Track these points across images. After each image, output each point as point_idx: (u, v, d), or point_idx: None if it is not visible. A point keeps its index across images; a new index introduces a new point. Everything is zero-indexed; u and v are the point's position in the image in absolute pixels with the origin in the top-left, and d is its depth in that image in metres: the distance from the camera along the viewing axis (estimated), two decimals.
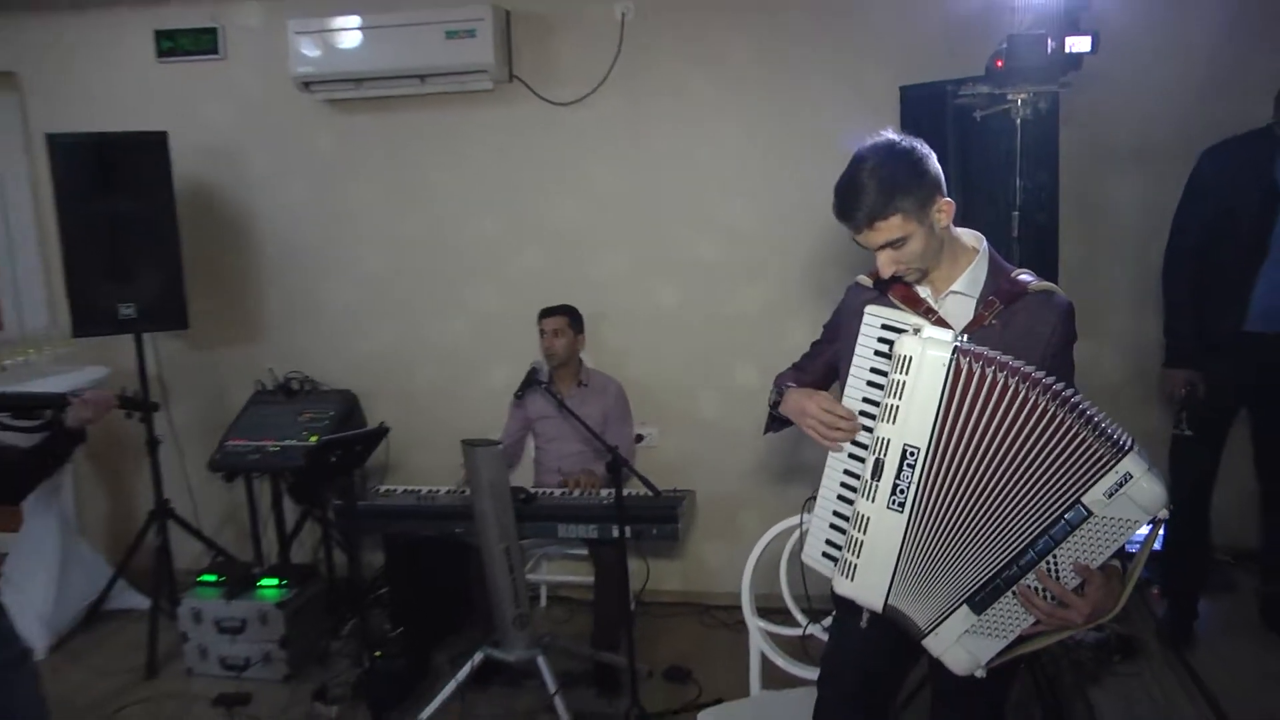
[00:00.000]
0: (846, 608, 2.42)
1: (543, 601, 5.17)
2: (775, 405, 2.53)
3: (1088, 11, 3.42)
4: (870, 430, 2.21)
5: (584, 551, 4.62)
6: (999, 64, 3.42)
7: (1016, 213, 3.56)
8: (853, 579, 2.21)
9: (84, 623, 5.17)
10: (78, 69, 5.55)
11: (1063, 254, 3.89)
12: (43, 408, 2.86)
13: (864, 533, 2.18)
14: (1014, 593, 2.08)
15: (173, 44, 5.38)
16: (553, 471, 4.58)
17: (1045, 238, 3.75)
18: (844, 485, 2.31)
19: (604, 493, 4.23)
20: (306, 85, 4.99)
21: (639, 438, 4.92)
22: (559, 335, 4.51)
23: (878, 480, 2.15)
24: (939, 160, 2.27)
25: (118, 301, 4.82)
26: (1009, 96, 3.49)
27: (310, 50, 4.89)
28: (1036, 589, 2.06)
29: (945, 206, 2.24)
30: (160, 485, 5.02)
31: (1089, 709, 3.39)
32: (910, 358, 2.10)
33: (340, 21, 4.83)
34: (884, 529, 2.16)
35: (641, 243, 4.97)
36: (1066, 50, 3.35)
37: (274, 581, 4.67)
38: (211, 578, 4.73)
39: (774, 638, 3.32)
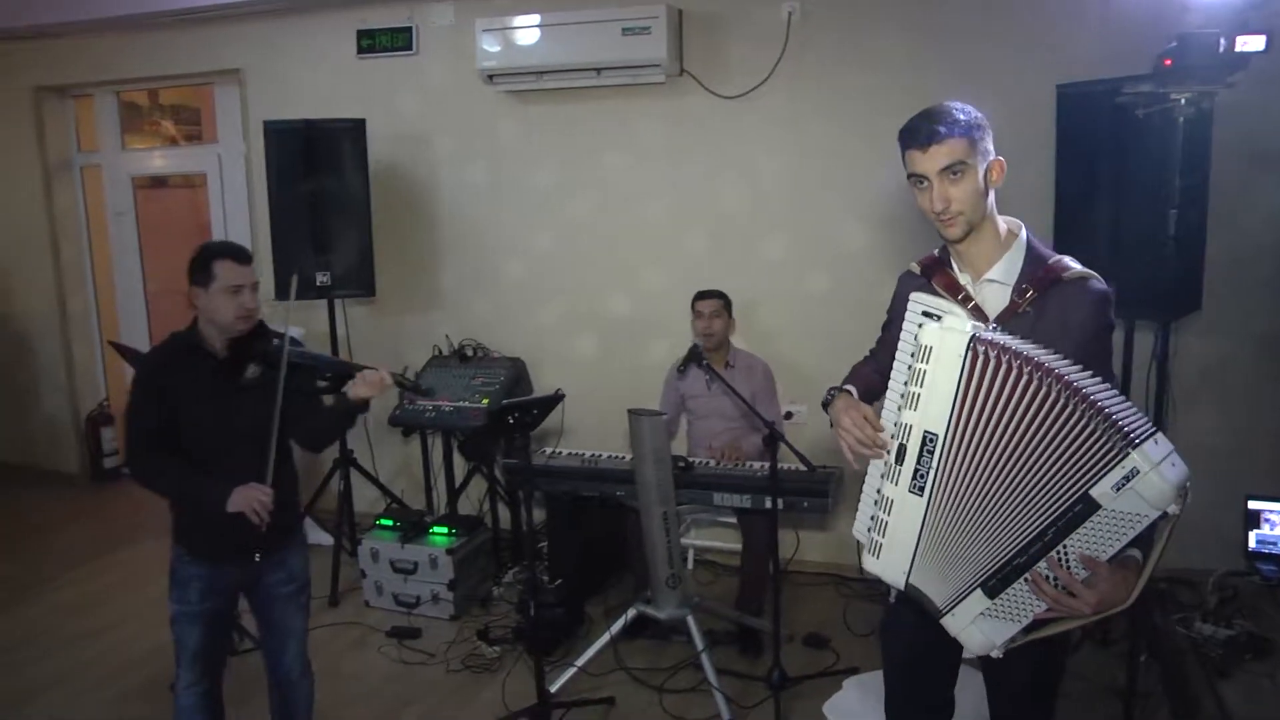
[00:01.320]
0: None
1: (689, 564, 5.23)
2: (826, 406, 2.49)
3: (1259, 11, 3.27)
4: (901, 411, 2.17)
5: (732, 519, 4.67)
6: (1167, 63, 3.30)
7: (1174, 211, 3.44)
8: (878, 557, 2.20)
9: None
10: (290, 64, 5.89)
11: (1210, 252, 3.74)
12: (335, 373, 3.03)
13: (889, 514, 2.16)
14: (1026, 579, 2.01)
15: (372, 42, 5.62)
16: (704, 447, 4.63)
17: (1195, 236, 3.61)
18: (885, 465, 2.26)
19: (756, 465, 4.25)
20: (490, 78, 5.14)
21: (788, 415, 4.93)
22: (717, 317, 4.55)
23: (901, 464, 2.12)
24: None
25: (315, 270, 5.08)
26: (1172, 95, 3.37)
27: (495, 46, 5.03)
28: (1048, 576, 1.98)
29: (999, 166, 2.25)
30: (345, 436, 5.25)
31: (1219, 704, 3.25)
32: (930, 347, 2.06)
33: (524, 20, 4.97)
34: (906, 511, 2.13)
35: (797, 230, 4.97)
36: (1236, 49, 3.21)
37: (444, 530, 4.87)
38: (388, 522, 4.96)
39: None
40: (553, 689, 3.85)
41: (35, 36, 6.58)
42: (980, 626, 2.10)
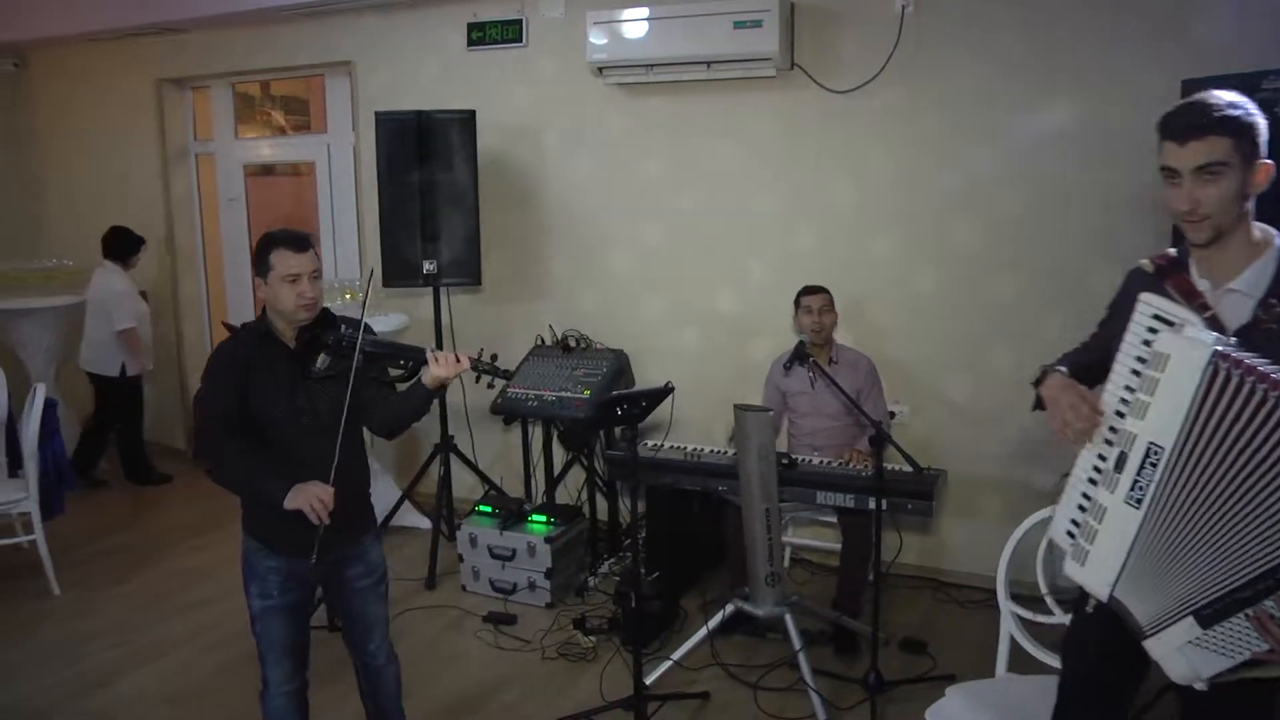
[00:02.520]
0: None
1: (785, 562, 5.11)
2: (1036, 384, 2.35)
3: None
4: (1124, 417, 2.04)
5: (832, 518, 4.56)
6: None
7: None
8: (1083, 564, 2.08)
9: None
10: (401, 56, 5.93)
11: None
12: (408, 360, 2.89)
13: (1099, 522, 2.05)
14: (1248, 615, 1.86)
15: (482, 34, 5.63)
16: (806, 445, 4.53)
17: None
18: (1095, 469, 2.13)
19: (859, 465, 4.14)
20: (600, 70, 5.10)
21: (891, 414, 4.78)
22: (824, 313, 4.45)
23: (1119, 473, 2.00)
24: None
25: (423, 258, 5.11)
26: None
27: (606, 39, 4.99)
28: (1275, 617, 1.82)
29: (1265, 169, 2.03)
30: (446, 422, 5.30)
31: None
32: (1168, 355, 1.92)
33: (634, 13, 4.92)
34: (1119, 522, 2.01)
35: (906, 228, 4.83)
36: None
37: (543, 518, 4.86)
38: (488, 509, 4.96)
39: (1023, 623, 3.14)
40: (647, 681, 3.78)
41: (160, 32, 6.76)
42: (1187, 655, 1.96)
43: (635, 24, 4.91)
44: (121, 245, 6.51)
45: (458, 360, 2.76)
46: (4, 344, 6.88)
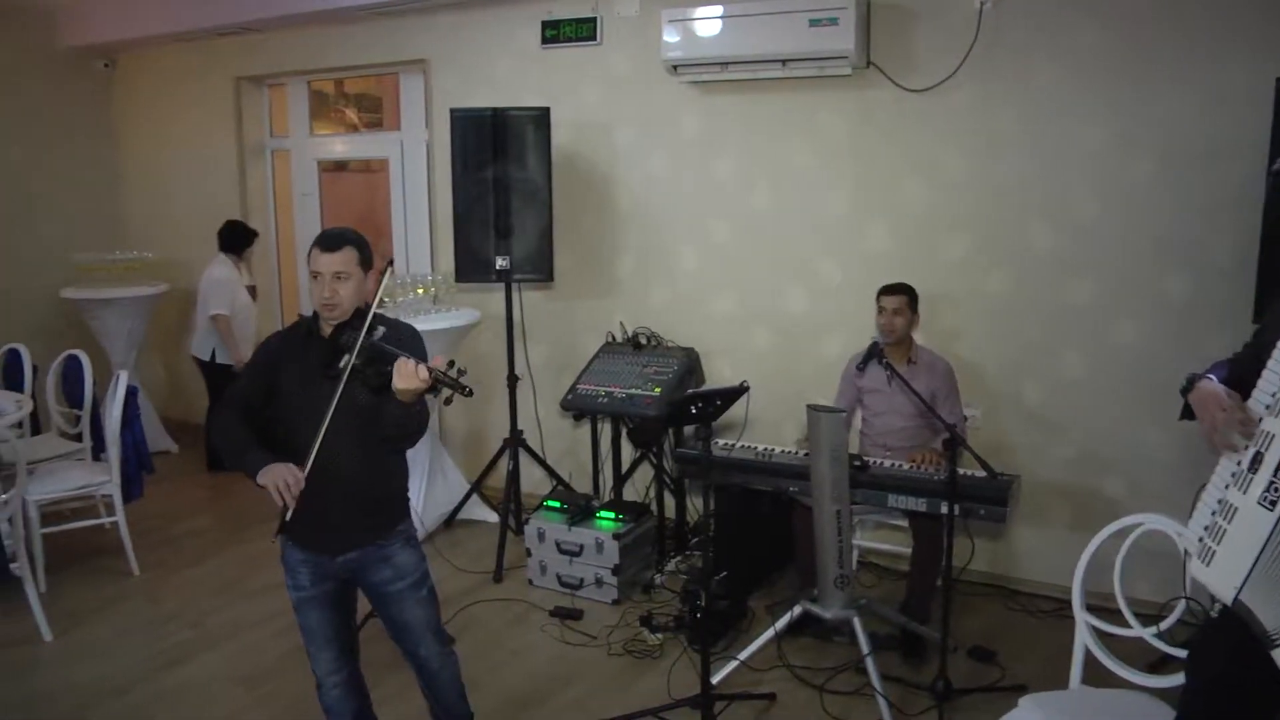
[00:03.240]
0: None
1: (853, 564, 5.06)
2: (1184, 392, 2.28)
3: None
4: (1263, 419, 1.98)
5: (901, 522, 4.49)
6: None
7: None
8: (1209, 565, 2.03)
9: (443, 526, 5.55)
10: (475, 54, 5.98)
11: None
12: (387, 366, 2.70)
13: (1229, 521, 1.99)
14: None
15: (556, 32, 5.64)
16: (879, 445, 4.47)
17: None
18: (1231, 473, 2.08)
19: (932, 469, 4.07)
20: (674, 68, 5.07)
21: (965, 418, 4.70)
22: (899, 314, 4.37)
23: (1254, 473, 1.95)
24: None
25: (496, 254, 5.14)
26: None
27: (680, 37, 4.96)
28: None
29: None
30: (516, 417, 5.33)
31: None
32: None
33: (709, 11, 4.88)
34: (1249, 523, 1.95)
35: (982, 229, 4.74)
36: None
37: (611, 515, 4.86)
38: (556, 504, 4.98)
39: (1099, 634, 3.06)
40: (714, 680, 3.75)
41: (240, 31, 6.89)
42: None
43: (710, 22, 4.87)
44: (233, 237, 6.67)
45: (416, 372, 2.57)
46: (88, 332, 7.06)
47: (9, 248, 7.35)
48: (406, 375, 2.55)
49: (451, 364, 2.59)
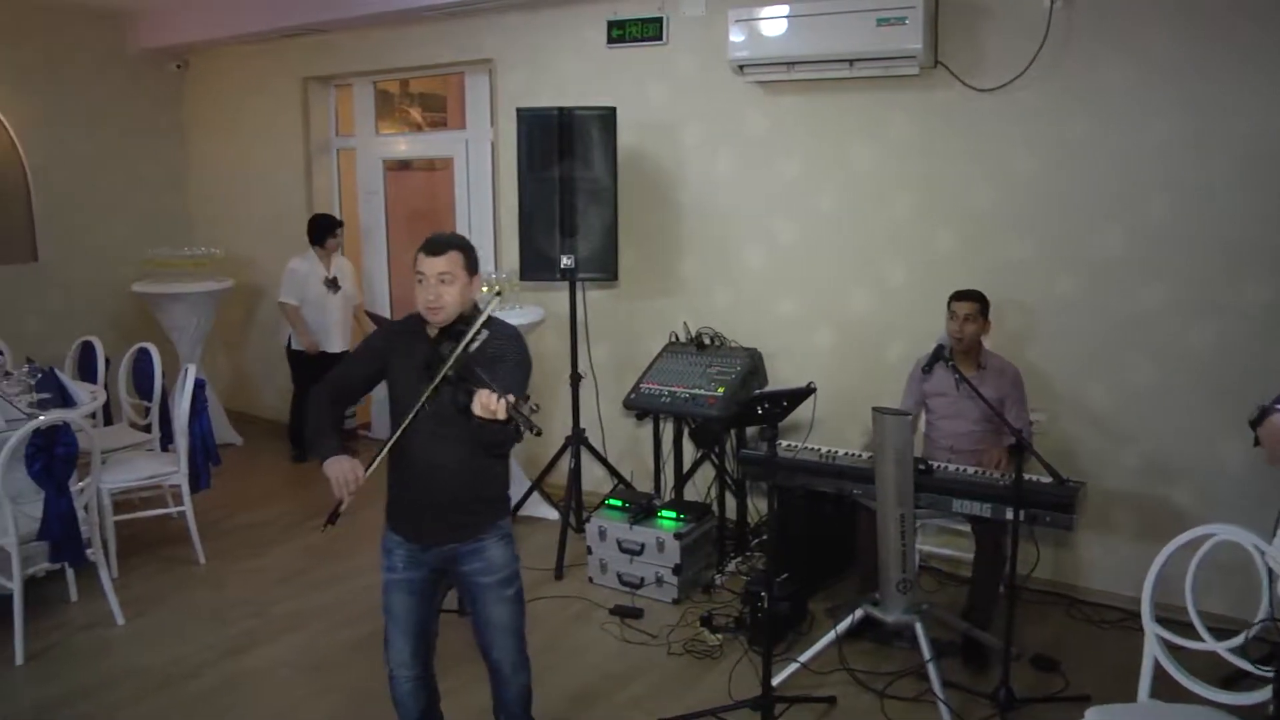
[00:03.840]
0: None
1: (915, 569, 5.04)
2: (1254, 424, 2.23)
3: None
4: None
5: (964, 527, 4.46)
6: None
7: None
8: None
9: None
10: (541, 54, 6.04)
11: None
12: (471, 386, 2.76)
13: None
14: None
15: (622, 32, 5.67)
16: (944, 449, 4.43)
17: None
18: None
19: (998, 474, 4.03)
20: (740, 68, 5.08)
21: (1030, 423, 4.65)
22: (970, 320, 4.32)
23: None
24: None
25: (561, 253, 5.19)
26: None
27: (746, 36, 4.96)
28: None
29: None
30: (578, 415, 5.38)
31: None
32: None
33: (776, 10, 4.88)
34: None
35: (1048, 232, 4.69)
36: None
37: (672, 514, 4.88)
38: (618, 503, 5.01)
39: (1169, 647, 3.01)
40: (774, 682, 3.75)
41: (308, 33, 7.02)
42: None
43: (776, 22, 4.87)
44: (313, 229, 6.83)
45: (494, 405, 2.58)
46: (157, 326, 7.23)
47: (83, 243, 7.57)
48: (484, 406, 2.58)
49: (527, 398, 2.63)
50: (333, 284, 6.87)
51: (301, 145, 7.51)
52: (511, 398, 2.55)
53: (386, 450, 2.87)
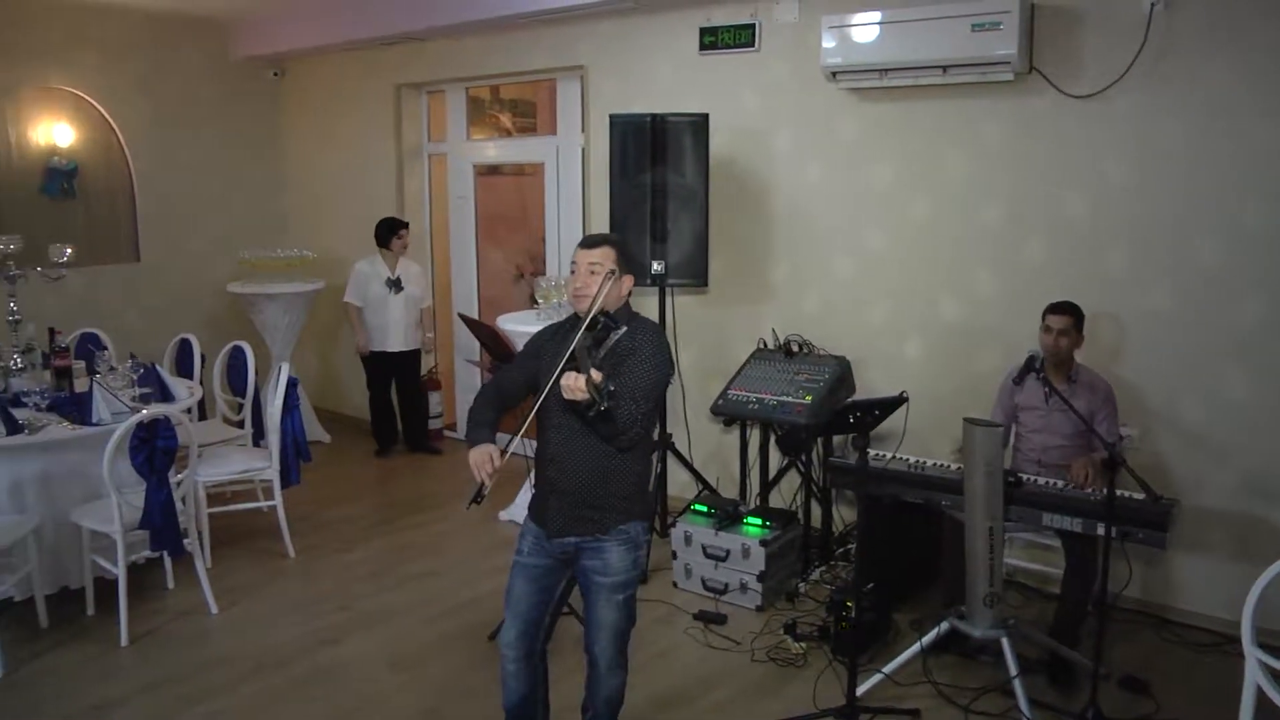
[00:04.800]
0: None
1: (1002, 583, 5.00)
2: None
3: None
4: None
5: (1052, 541, 4.44)
6: None
7: None
8: None
9: None
10: (633, 60, 6.14)
11: None
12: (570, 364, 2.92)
13: None
14: None
15: (714, 38, 5.74)
16: (1031, 462, 4.41)
17: None
18: None
19: (1089, 488, 4.00)
20: (833, 75, 5.11)
21: (1120, 438, 4.59)
22: (1065, 334, 4.29)
23: None
24: None
25: (651, 259, 5.27)
26: None
27: (839, 43, 5.00)
28: None
29: None
30: (665, 420, 5.48)
31: None
32: None
33: (869, 16, 4.90)
34: None
35: (1143, 242, 4.62)
36: None
37: (758, 521, 4.92)
38: (703, 509, 5.06)
39: (1270, 673, 2.97)
40: (857, 692, 3.77)
41: (402, 40, 7.23)
42: None
43: (869, 28, 4.89)
44: (379, 231, 7.10)
45: (575, 384, 2.71)
46: (250, 325, 7.50)
47: (182, 244, 7.93)
48: (567, 385, 2.73)
49: (606, 379, 2.73)
50: (395, 285, 7.07)
51: (394, 150, 7.73)
52: (598, 376, 2.65)
53: (519, 435, 2.97)
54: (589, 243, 3.10)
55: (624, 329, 2.97)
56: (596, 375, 2.65)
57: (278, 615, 4.77)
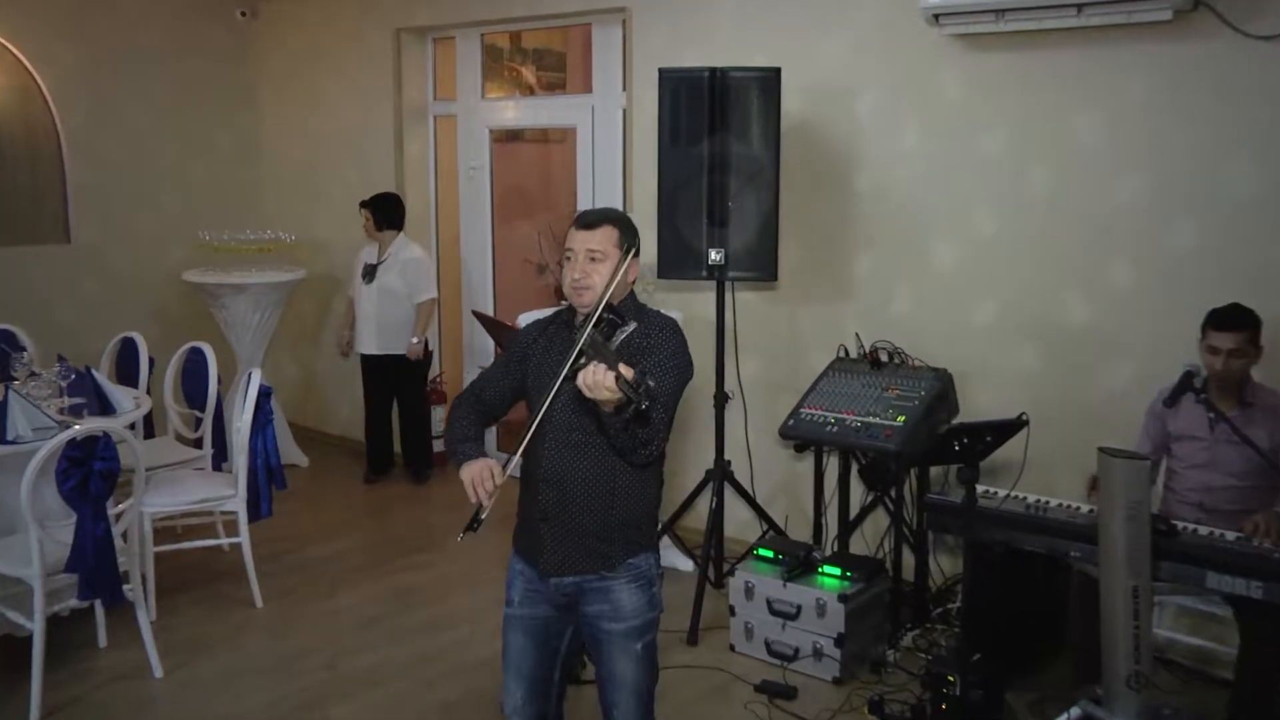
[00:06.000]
0: None
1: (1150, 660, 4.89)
2: None
3: None
4: None
5: (1221, 610, 4.32)
6: None
7: None
8: None
9: None
10: (688, 2, 6.06)
11: None
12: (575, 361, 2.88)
13: None
14: None
15: None
16: (1190, 505, 4.30)
17: None
18: None
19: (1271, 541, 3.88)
20: (935, 18, 5.03)
21: None
22: (1238, 356, 4.13)
23: None
24: None
25: (709, 246, 5.22)
26: None
27: None
28: None
29: None
30: (722, 444, 5.44)
31: None
32: None
33: None
34: None
35: None
36: None
37: (836, 570, 4.86)
38: (768, 553, 5.01)
39: None
40: None
41: None
42: None
43: None
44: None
45: (603, 381, 2.61)
46: (212, 322, 7.54)
47: (125, 222, 7.96)
48: (587, 381, 2.64)
49: (645, 373, 2.68)
50: (369, 273, 7.13)
51: (392, 111, 7.74)
52: (628, 370, 2.60)
53: (519, 453, 2.97)
54: (586, 222, 3.09)
55: (633, 325, 2.92)
56: (627, 371, 2.60)
57: (239, 679, 4.74)
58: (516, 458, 2.95)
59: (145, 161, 8.03)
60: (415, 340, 7.26)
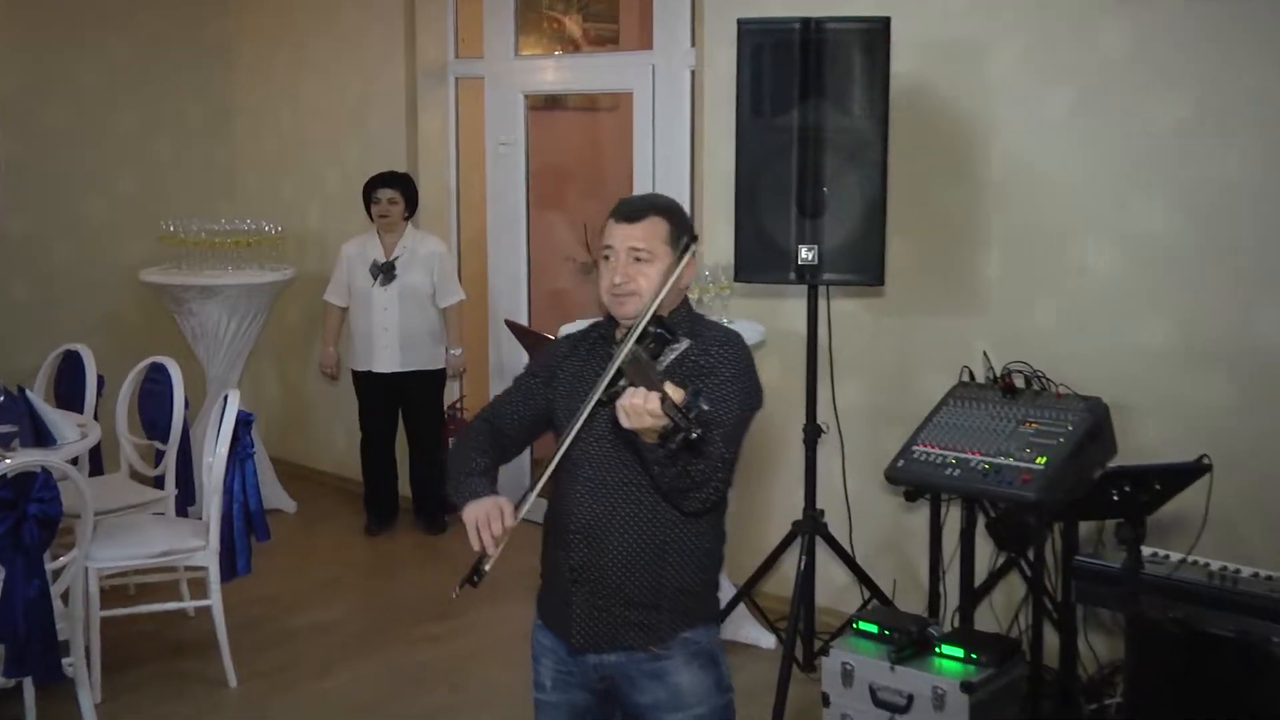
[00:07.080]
0: None
1: None
2: None
3: None
4: None
5: None
6: None
7: None
8: None
9: None
10: None
11: None
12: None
13: None
14: None
15: None
16: None
17: None
18: None
19: None
20: None
21: None
22: None
23: None
24: None
25: (798, 242, 5.18)
26: None
27: None
28: None
29: None
30: (814, 489, 5.40)
31: None
32: None
33: None
34: None
35: None
36: None
37: (959, 652, 4.77)
38: (872, 628, 4.93)
39: None
40: None
41: None
42: None
43: None
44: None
45: (645, 406, 2.55)
46: (176, 332, 7.61)
47: (69, 208, 8.05)
48: (627, 409, 2.59)
49: (698, 393, 2.60)
50: (383, 272, 7.11)
51: (403, 73, 7.80)
52: (677, 393, 2.55)
53: (537, 490, 2.95)
54: (628, 212, 3.07)
55: (686, 343, 2.91)
56: (675, 392, 2.56)
57: None
58: (533, 495, 2.92)
59: (95, 135, 8.13)
60: (457, 351, 7.34)
